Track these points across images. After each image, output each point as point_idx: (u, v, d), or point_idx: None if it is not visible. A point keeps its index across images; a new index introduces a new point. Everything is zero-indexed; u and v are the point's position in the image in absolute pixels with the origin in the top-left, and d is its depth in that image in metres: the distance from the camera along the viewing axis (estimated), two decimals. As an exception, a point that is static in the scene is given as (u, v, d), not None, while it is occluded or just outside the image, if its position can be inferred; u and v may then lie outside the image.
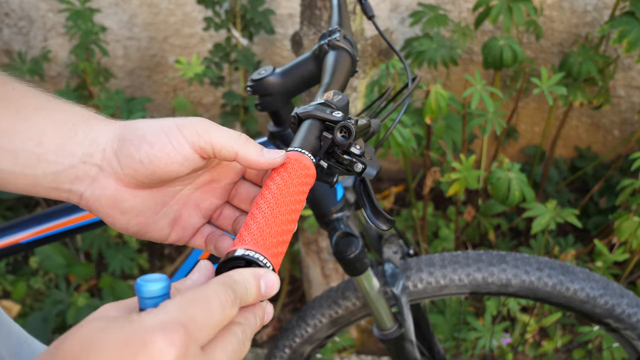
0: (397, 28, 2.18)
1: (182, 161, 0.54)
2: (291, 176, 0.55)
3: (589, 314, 1.19)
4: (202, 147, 0.54)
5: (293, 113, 0.63)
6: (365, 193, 0.62)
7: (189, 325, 0.40)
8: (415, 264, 1.19)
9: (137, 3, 2.20)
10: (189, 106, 1.94)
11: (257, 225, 0.50)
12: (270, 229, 0.50)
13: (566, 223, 2.17)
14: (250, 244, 0.48)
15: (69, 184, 0.55)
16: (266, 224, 0.50)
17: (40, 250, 1.97)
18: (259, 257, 0.48)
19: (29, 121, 0.53)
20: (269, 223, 0.50)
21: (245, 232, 0.49)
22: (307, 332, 1.25)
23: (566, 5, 2.09)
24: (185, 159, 0.54)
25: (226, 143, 0.54)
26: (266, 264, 0.48)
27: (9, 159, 0.53)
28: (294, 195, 0.54)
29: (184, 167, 0.54)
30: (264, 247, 0.48)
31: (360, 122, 0.62)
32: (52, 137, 0.53)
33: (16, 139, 0.53)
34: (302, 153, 0.58)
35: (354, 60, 0.87)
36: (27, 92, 0.56)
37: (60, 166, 0.54)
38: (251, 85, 0.94)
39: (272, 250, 0.49)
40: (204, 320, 0.41)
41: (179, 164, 0.54)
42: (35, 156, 0.53)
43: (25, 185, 0.54)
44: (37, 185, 0.54)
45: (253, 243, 0.48)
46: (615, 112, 2.27)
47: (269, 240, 0.49)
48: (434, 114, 1.63)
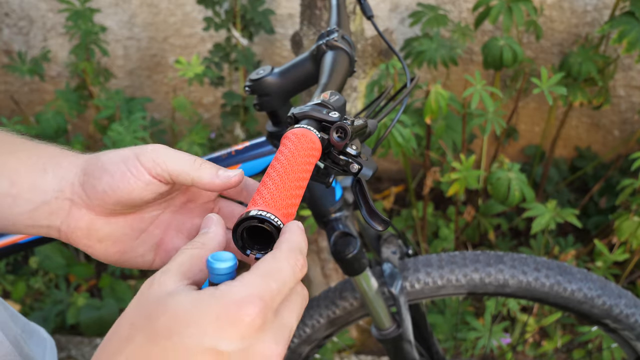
0: (397, 28, 2.18)
1: (143, 187, 0.56)
2: (298, 149, 0.57)
3: (587, 314, 1.19)
4: (159, 174, 0.56)
5: (289, 113, 0.63)
6: (361, 193, 0.62)
7: (266, 296, 0.44)
8: (413, 265, 1.19)
9: (137, 3, 2.21)
10: (189, 106, 1.94)
11: (268, 191, 0.53)
12: (280, 194, 0.53)
13: (566, 223, 2.17)
14: (263, 205, 0.51)
15: (46, 220, 0.57)
16: (276, 189, 0.53)
17: (40, 250, 1.98)
18: (272, 216, 0.50)
19: (3, 164, 0.57)
20: (279, 188, 0.53)
21: (258, 196, 0.52)
22: (305, 332, 1.25)
23: (566, 5, 2.08)
24: (147, 184, 0.56)
25: (181, 170, 0.56)
26: (279, 223, 0.50)
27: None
28: (301, 166, 0.56)
29: (148, 192, 0.56)
30: (276, 208, 0.51)
31: (357, 123, 0.62)
32: (25, 177, 0.56)
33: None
34: (308, 129, 0.59)
35: (352, 60, 0.87)
36: (1, 137, 0.59)
37: (35, 204, 0.56)
38: (249, 85, 0.94)
39: (283, 211, 0.52)
40: (278, 290, 0.45)
41: (142, 189, 0.56)
42: (10, 196, 0.56)
43: (5, 225, 0.57)
44: (17, 224, 0.57)
45: (265, 205, 0.51)
46: (615, 112, 2.27)
47: (280, 203, 0.52)
48: (434, 114, 1.63)
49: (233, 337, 0.42)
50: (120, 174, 0.55)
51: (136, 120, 1.80)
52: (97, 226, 0.58)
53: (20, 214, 0.57)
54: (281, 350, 0.44)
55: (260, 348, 0.43)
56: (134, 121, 1.80)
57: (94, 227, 0.57)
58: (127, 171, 0.55)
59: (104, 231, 0.58)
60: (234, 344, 0.42)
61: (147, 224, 0.61)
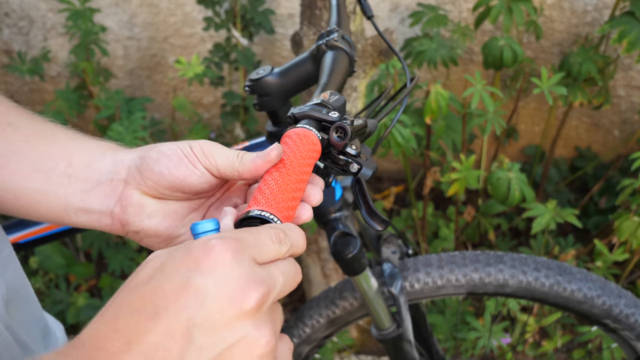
0: (397, 28, 2.18)
1: (199, 175, 0.58)
2: (298, 149, 0.57)
3: (587, 314, 1.19)
4: (208, 167, 0.58)
5: (289, 113, 0.63)
6: (361, 193, 0.62)
7: (239, 239, 0.45)
8: (413, 265, 1.19)
9: (137, 3, 2.21)
10: (189, 106, 1.94)
11: (269, 190, 0.53)
12: (280, 193, 0.53)
13: (566, 223, 2.17)
14: (264, 205, 0.52)
15: (99, 204, 0.59)
16: (276, 189, 0.53)
17: (40, 250, 1.98)
18: (271, 216, 0.51)
19: (62, 147, 0.60)
20: (279, 188, 0.54)
21: (258, 195, 0.53)
22: (304, 332, 1.25)
23: (566, 5, 2.08)
24: (202, 174, 0.58)
25: (228, 164, 0.57)
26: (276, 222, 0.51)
27: (42, 179, 0.58)
28: (301, 165, 0.57)
29: (201, 182, 0.58)
30: (275, 207, 0.52)
31: (356, 123, 0.62)
32: (82, 159, 0.59)
33: (49, 161, 0.58)
34: (308, 129, 0.60)
35: (352, 60, 0.87)
36: (61, 127, 0.62)
37: (89, 184, 0.58)
38: (249, 85, 0.94)
39: (283, 212, 0.53)
40: (253, 241, 0.46)
41: (197, 177, 0.58)
42: (66, 176, 0.58)
43: (57, 206, 0.58)
44: (68, 207, 0.58)
45: (267, 205, 0.52)
46: (615, 112, 2.27)
47: (280, 202, 0.53)
48: (434, 114, 1.63)
49: (205, 271, 0.42)
50: (178, 159, 0.57)
51: (136, 120, 1.80)
52: (147, 202, 0.59)
53: (74, 194, 0.58)
54: (260, 296, 0.43)
55: (235, 283, 0.42)
56: (134, 121, 1.80)
57: (144, 203, 0.59)
58: (185, 158, 0.57)
59: (154, 207, 0.59)
60: (206, 278, 0.42)
61: (197, 205, 0.62)
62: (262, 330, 0.43)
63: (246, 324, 0.43)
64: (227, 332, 0.42)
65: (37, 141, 0.59)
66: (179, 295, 0.41)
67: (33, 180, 0.58)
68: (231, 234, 0.46)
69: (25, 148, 0.59)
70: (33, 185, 0.58)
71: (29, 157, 0.59)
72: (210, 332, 0.41)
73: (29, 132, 0.60)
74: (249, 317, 0.43)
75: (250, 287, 0.43)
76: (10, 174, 0.58)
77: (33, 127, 0.61)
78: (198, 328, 0.41)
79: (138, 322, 0.41)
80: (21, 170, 0.58)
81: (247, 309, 0.42)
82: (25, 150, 0.59)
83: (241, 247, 0.44)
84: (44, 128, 0.61)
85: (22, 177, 0.58)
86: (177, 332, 0.41)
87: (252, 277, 0.43)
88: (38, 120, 0.62)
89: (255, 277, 0.44)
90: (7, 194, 0.59)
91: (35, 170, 0.58)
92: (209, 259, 0.43)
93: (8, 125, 0.60)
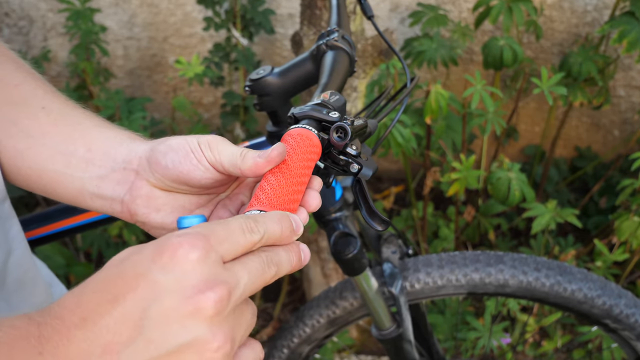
0: (397, 28, 2.18)
1: (203, 170, 0.58)
2: (298, 149, 0.57)
3: (587, 314, 1.19)
4: (214, 163, 0.58)
5: (289, 113, 0.63)
6: (361, 193, 0.62)
7: (210, 236, 0.44)
8: (413, 265, 1.19)
9: (137, 3, 2.21)
10: (189, 106, 1.94)
11: (270, 190, 0.53)
12: (280, 193, 0.53)
13: (566, 223, 2.17)
14: (263, 205, 0.52)
15: (111, 191, 0.61)
16: (277, 189, 0.54)
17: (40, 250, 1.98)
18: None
19: (85, 133, 0.63)
20: (279, 188, 0.54)
21: (258, 195, 0.53)
22: (305, 332, 1.25)
23: (566, 5, 2.08)
24: (206, 169, 0.58)
25: (232, 162, 0.57)
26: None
27: (63, 161, 0.61)
28: (301, 166, 0.57)
29: (206, 178, 0.59)
30: (275, 207, 0.52)
31: (357, 123, 0.62)
32: (100, 146, 0.62)
33: (71, 145, 0.62)
34: (308, 129, 0.60)
35: (352, 60, 0.87)
36: (89, 113, 0.66)
37: (104, 170, 0.61)
38: (249, 85, 0.94)
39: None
40: (224, 235, 0.45)
41: (202, 172, 0.58)
42: (85, 161, 0.61)
43: (74, 188, 0.62)
44: (83, 191, 0.61)
45: (265, 204, 0.52)
46: (615, 112, 2.27)
47: (280, 203, 0.53)
48: (434, 114, 1.63)
49: (167, 266, 0.42)
50: (184, 153, 0.58)
51: (136, 120, 1.80)
52: (156, 194, 0.60)
53: (90, 178, 0.61)
54: (218, 297, 0.42)
55: (194, 282, 0.42)
56: (134, 121, 1.80)
57: (153, 195, 0.60)
58: (191, 152, 0.58)
59: (162, 200, 0.60)
60: (167, 273, 0.42)
61: (205, 201, 0.63)
62: (215, 334, 0.42)
63: (200, 325, 0.42)
64: (179, 330, 0.42)
65: (64, 125, 0.63)
66: (138, 286, 0.42)
67: (55, 162, 0.61)
68: (202, 228, 0.45)
69: (52, 131, 0.62)
70: (54, 167, 0.61)
71: (54, 139, 0.62)
72: (161, 327, 0.41)
73: (58, 116, 0.63)
74: (205, 318, 0.42)
75: (209, 287, 0.42)
76: (35, 154, 0.62)
77: (63, 111, 0.64)
78: (150, 320, 0.41)
79: (98, 303, 0.42)
80: (45, 152, 0.62)
81: (203, 310, 0.42)
82: (51, 133, 0.62)
83: (209, 244, 0.44)
84: (72, 113, 0.65)
85: (46, 158, 0.62)
86: (129, 320, 0.41)
87: (213, 277, 0.43)
88: (69, 105, 0.66)
89: (217, 278, 0.43)
90: (32, 173, 0.62)
91: (58, 153, 0.62)
92: (173, 255, 0.42)
93: (41, 109, 0.64)
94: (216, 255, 0.44)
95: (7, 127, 0.63)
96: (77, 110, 0.66)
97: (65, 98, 0.67)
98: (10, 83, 0.65)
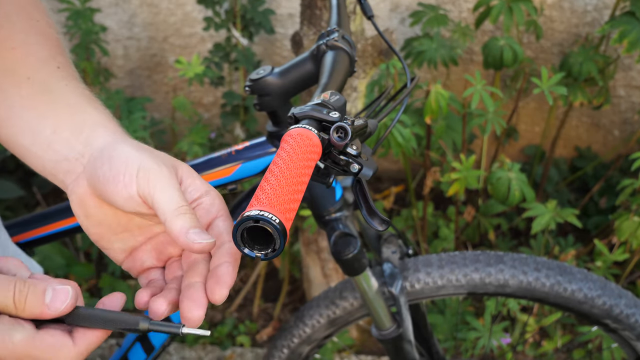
0: (397, 28, 2.18)
1: (126, 197, 0.55)
2: (298, 149, 0.57)
3: (587, 314, 1.19)
4: (144, 195, 0.54)
5: (290, 113, 0.63)
6: (361, 193, 0.62)
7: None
8: (413, 265, 1.19)
9: (137, 3, 2.21)
10: (189, 106, 1.94)
11: (270, 190, 0.52)
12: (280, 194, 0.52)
13: (566, 223, 2.17)
14: (262, 205, 0.51)
15: (62, 175, 0.60)
16: (277, 189, 0.52)
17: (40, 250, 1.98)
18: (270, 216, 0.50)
19: (57, 112, 0.61)
20: (280, 188, 0.53)
21: (259, 195, 0.52)
22: (305, 332, 1.25)
23: (566, 5, 2.08)
24: (129, 197, 0.55)
25: (164, 206, 0.53)
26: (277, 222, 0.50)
27: (31, 138, 0.61)
28: (301, 167, 0.56)
29: (127, 204, 0.55)
30: (275, 208, 0.51)
31: (357, 123, 0.62)
32: (65, 129, 0.60)
33: (42, 123, 0.61)
34: (308, 129, 0.59)
35: (352, 60, 0.87)
36: (74, 90, 0.64)
37: (60, 156, 0.60)
38: (249, 85, 0.94)
39: (285, 215, 0.51)
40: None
41: (123, 199, 0.55)
42: (47, 142, 0.60)
43: (37, 165, 0.62)
44: (44, 169, 0.61)
45: (265, 205, 0.51)
46: (615, 112, 2.27)
47: (280, 203, 0.52)
48: (434, 114, 1.63)
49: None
50: (115, 173, 0.55)
51: (136, 120, 1.80)
52: (88, 203, 0.58)
53: (49, 160, 0.60)
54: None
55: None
56: (134, 121, 1.80)
57: (86, 202, 0.58)
58: (121, 174, 0.55)
59: (92, 210, 0.58)
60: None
61: (135, 227, 0.60)
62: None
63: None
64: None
65: (41, 101, 0.62)
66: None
67: (25, 138, 0.61)
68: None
69: (29, 105, 0.62)
70: (24, 141, 0.61)
71: (29, 114, 0.61)
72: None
73: (39, 90, 0.62)
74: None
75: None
76: (12, 125, 0.62)
77: (46, 85, 0.63)
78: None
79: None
80: (20, 125, 0.62)
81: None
82: (28, 107, 0.62)
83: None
84: (54, 87, 0.63)
85: (18, 132, 0.62)
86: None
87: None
88: (55, 77, 0.64)
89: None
90: (8, 142, 0.63)
91: (28, 129, 0.61)
92: None
93: (26, 79, 0.63)
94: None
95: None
96: (60, 84, 0.64)
97: (55, 67, 0.65)
98: (8, 46, 0.64)
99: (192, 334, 0.52)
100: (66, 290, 0.52)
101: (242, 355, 1.97)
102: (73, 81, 0.65)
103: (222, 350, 1.98)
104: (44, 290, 0.51)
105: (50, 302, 0.51)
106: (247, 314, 2.11)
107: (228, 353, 1.98)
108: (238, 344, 2.01)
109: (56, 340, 0.51)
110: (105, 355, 1.96)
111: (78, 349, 0.51)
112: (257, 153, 1.01)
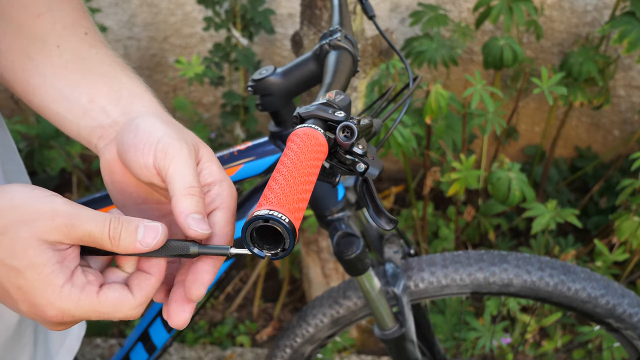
0: (397, 28, 2.18)
1: (142, 166, 0.56)
2: (305, 148, 0.57)
3: (590, 313, 1.19)
4: (159, 166, 0.56)
5: (295, 113, 0.63)
6: (368, 193, 0.61)
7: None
8: (417, 264, 1.19)
9: (137, 3, 2.20)
10: (189, 106, 1.94)
11: (278, 190, 0.52)
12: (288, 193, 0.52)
13: (566, 223, 2.17)
14: (271, 205, 0.51)
15: (96, 140, 0.62)
16: (285, 189, 0.53)
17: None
18: (280, 215, 0.50)
19: (92, 81, 0.63)
20: (288, 188, 0.53)
21: (266, 196, 0.52)
22: (308, 331, 1.25)
23: (566, 5, 2.09)
24: (145, 166, 0.56)
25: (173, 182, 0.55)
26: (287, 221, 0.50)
27: (66, 107, 0.62)
28: (308, 166, 0.56)
29: (142, 173, 0.57)
30: (284, 207, 0.51)
31: (363, 122, 0.62)
32: (100, 99, 0.62)
33: (76, 91, 0.63)
34: (314, 129, 0.59)
35: (355, 60, 0.87)
36: (105, 58, 0.65)
37: (96, 122, 0.62)
38: (252, 85, 0.94)
39: (294, 215, 0.52)
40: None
41: (139, 166, 0.57)
42: (83, 110, 0.62)
43: (72, 131, 0.64)
44: (79, 135, 0.63)
45: (273, 205, 0.51)
46: (615, 112, 2.27)
47: (288, 202, 0.52)
48: (434, 114, 1.63)
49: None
50: (138, 141, 0.57)
51: (136, 120, 1.80)
52: (115, 168, 0.60)
53: (84, 127, 0.62)
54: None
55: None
56: (134, 121, 1.79)
57: (113, 167, 0.60)
58: (142, 143, 0.57)
59: (118, 176, 0.60)
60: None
61: (152, 202, 0.61)
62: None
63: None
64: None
65: (74, 70, 0.63)
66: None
67: (59, 106, 0.63)
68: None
69: (61, 74, 0.63)
70: (58, 110, 0.63)
71: (62, 82, 0.63)
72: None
73: (70, 59, 0.64)
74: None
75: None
76: (44, 93, 0.63)
77: (76, 53, 0.64)
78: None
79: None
80: (53, 94, 0.63)
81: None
82: (60, 76, 0.63)
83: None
84: (85, 56, 0.64)
85: (52, 100, 0.63)
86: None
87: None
88: (85, 44, 0.65)
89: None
90: (40, 109, 0.64)
91: (62, 97, 0.63)
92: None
93: (56, 48, 0.64)
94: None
95: (23, 60, 0.63)
96: (91, 51, 0.65)
97: (83, 33, 0.66)
98: (34, 12, 0.65)
99: (240, 253, 0.54)
100: (156, 227, 0.53)
101: (242, 355, 1.97)
102: (103, 48, 0.66)
103: (222, 350, 1.98)
104: (137, 227, 0.53)
105: (142, 238, 0.53)
106: (247, 314, 2.11)
107: (228, 353, 1.97)
108: (238, 344, 2.01)
109: (120, 294, 0.53)
110: (106, 355, 1.95)
111: (137, 300, 0.53)
112: (259, 153, 1.01)
